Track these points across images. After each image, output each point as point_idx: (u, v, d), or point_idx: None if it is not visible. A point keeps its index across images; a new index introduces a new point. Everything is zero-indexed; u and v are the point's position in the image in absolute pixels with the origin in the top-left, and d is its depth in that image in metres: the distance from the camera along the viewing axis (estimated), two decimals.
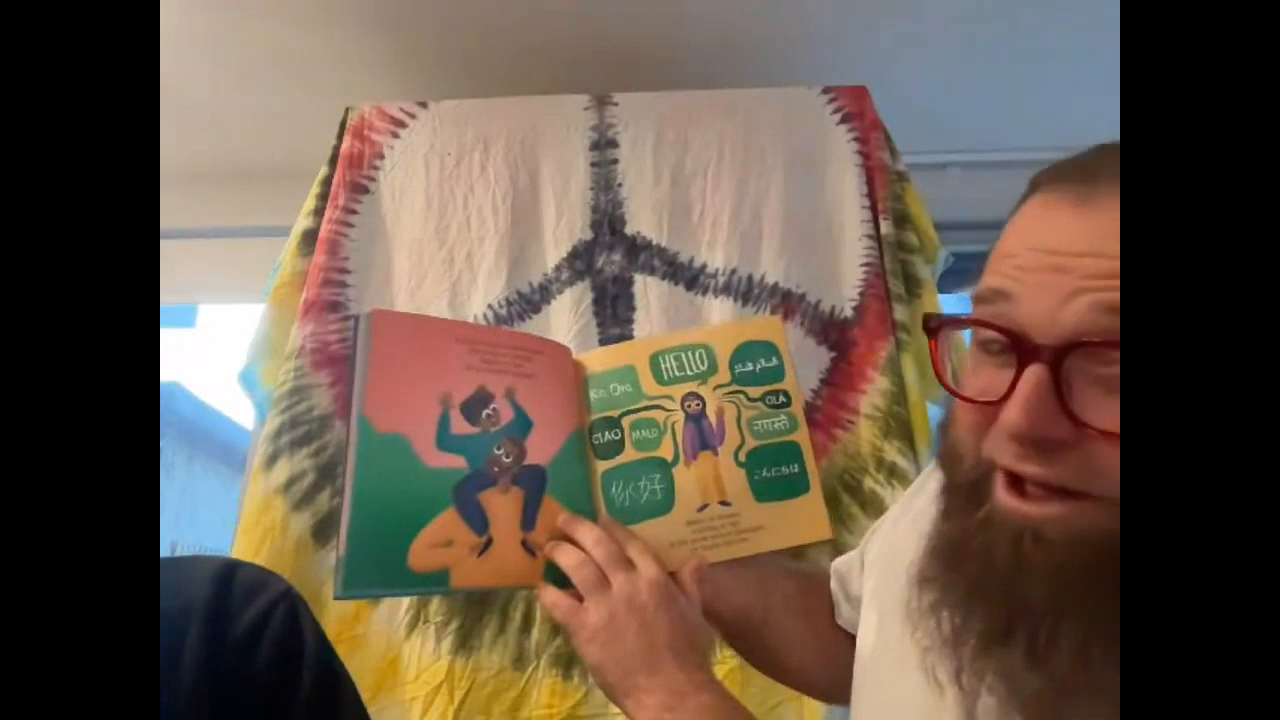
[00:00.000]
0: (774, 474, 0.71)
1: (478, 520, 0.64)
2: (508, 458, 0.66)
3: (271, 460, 1.11)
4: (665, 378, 0.72)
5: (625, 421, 0.71)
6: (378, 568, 0.60)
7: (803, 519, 0.71)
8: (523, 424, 0.68)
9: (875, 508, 1.08)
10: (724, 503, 0.70)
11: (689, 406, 0.71)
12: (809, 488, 0.72)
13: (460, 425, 0.65)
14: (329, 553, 1.09)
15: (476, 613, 1.08)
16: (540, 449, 0.68)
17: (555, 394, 0.70)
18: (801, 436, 0.73)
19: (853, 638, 0.69)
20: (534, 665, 1.06)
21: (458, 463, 0.64)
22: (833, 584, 0.74)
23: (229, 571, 0.60)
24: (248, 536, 1.08)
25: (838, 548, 1.07)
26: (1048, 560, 0.40)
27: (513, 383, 0.68)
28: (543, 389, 0.69)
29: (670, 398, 0.72)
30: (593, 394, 0.72)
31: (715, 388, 0.72)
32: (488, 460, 0.65)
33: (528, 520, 0.66)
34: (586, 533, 0.65)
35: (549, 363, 0.71)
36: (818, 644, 0.73)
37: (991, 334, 0.43)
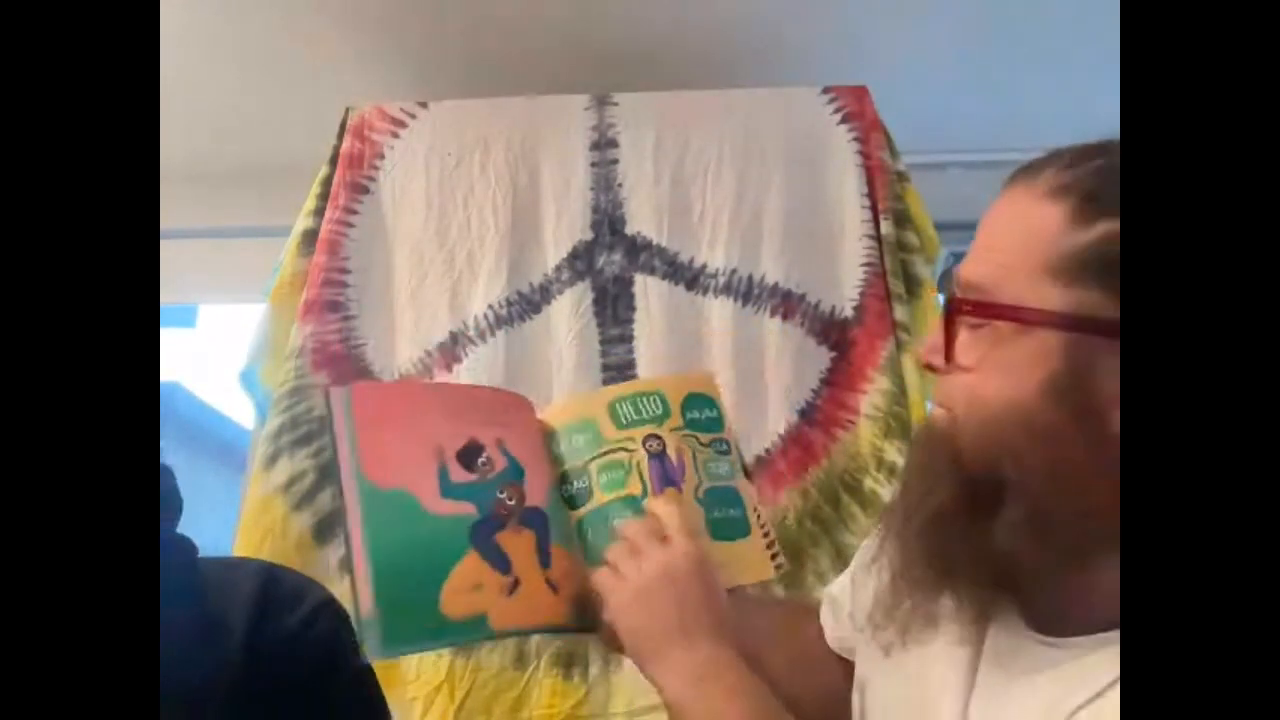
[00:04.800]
0: (723, 515, 0.73)
1: (500, 561, 0.64)
2: (511, 500, 0.67)
3: (272, 460, 1.11)
4: (624, 422, 0.73)
5: (592, 467, 0.71)
6: (413, 621, 0.60)
7: (748, 560, 0.73)
8: (516, 470, 0.68)
9: (875, 508, 1.08)
10: None
11: (650, 446, 0.72)
12: (748, 532, 0.73)
13: (459, 474, 0.66)
14: (329, 552, 1.09)
15: None
16: (535, 493, 0.68)
17: (534, 443, 0.71)
18: (740, 483, 0.75)
19: (847, 662, 0.68)
20: (534, 665, 1.06)
21: (467, 509, 0.65)
22: (823, 608, 0.74)
23: (272, 575, 0.61)
24: (248, 536, 1.08)
25: (839, 548, 1.08)
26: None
27: (500, 433, 0.69)
28: (523, 438, 0.70)
29: (632, 439, 0.72)
30: (558, 448, 0.73)
31: (671, 430, 0.73)
32: (494, 504, 0.66)
33: (543, 558, 0.66)
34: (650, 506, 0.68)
35: (521, 415, 0.73)
36: (807, 671, 0.72)
37: None
